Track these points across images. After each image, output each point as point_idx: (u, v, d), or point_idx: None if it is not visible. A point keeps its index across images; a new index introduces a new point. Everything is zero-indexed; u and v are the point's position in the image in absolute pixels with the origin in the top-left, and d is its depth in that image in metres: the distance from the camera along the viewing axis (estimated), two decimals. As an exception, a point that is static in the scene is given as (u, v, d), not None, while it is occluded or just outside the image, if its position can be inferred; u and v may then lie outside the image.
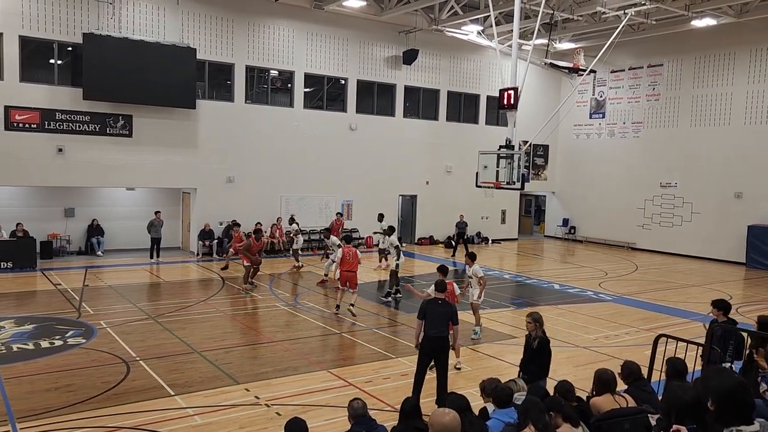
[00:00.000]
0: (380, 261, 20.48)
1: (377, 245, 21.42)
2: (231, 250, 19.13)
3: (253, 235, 16.81)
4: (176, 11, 20.71)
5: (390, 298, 15.52)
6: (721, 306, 8.41)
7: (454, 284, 10.74)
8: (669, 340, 7.72)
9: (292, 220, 20.83)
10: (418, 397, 7.80)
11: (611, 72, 28.51)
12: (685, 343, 7.69)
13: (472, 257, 12.68)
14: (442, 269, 11.23)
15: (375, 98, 25.61)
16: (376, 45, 25.03)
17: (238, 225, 19.59)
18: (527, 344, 7.74)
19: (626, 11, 20.03)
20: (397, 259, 16.04)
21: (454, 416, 4.31)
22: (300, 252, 19.88)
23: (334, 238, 17.87)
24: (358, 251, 14.09)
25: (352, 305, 13.59)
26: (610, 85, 28.90)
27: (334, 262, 17.06)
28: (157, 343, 11.22)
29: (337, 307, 13.77)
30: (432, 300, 8.68)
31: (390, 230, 17.49)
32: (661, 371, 6.22)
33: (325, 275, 17.52)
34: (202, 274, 18.68)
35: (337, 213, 23.10)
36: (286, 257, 21.28)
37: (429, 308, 8.44)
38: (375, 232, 22.43)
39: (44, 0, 18.68)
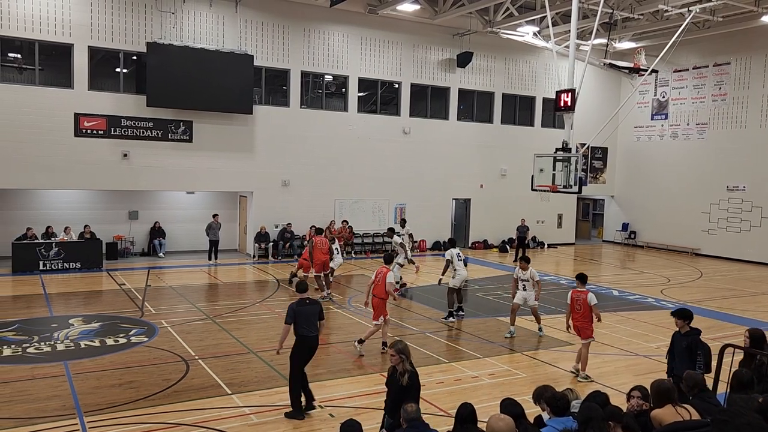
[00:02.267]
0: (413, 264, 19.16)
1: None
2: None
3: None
4: (235, 19, 21.25)
5: (453, 318, 13.91)
6: (683, 315, 7.85)
7: (590, 293, 10.23)
8: (736, 350, 7.37)
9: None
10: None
11: (674, 72, 27.55)
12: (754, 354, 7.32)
13: (527, 260, 12.73)
14: (581, 277, 10.45)
15: (429, 101, 25.56)
16: (430, 48, 24.99)
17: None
18: (392, 381, 6.38)
19: (690, 9, 19.31)
20: (450, 276, 14.14)
21: (509, 422, 4.26)
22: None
23: (396, 237, 17.19)
24: (389, 273, 11.19)
25: (362, 341, 11.12)
26: (673, 86, 27.92)
27: (400, 265, 16.51)
28: (215, 343, 11.51)
29: (384, 344, 11.19)
30: (299, 302, 8.36)
31: (450, 243, 15.28)
32: (727, 383, 5.95)
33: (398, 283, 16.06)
34: (258, 276, 19.06)
35: (343, 221, 22.80)
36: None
37: (299, 309, 8.26)
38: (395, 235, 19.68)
39: (111, 11, 19.51)
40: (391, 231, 18.01)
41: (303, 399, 8.31)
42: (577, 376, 10.08)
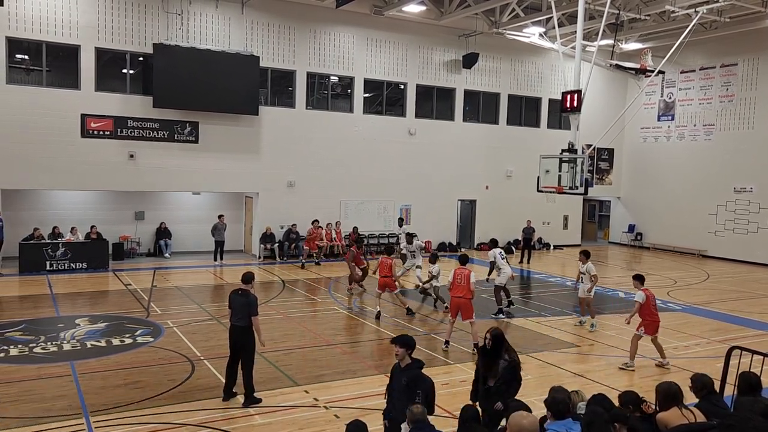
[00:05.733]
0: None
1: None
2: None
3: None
4: (241, 20, 21.30)
5: (502, 315, 14.37)
6: (404, 343, 6.37)
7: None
8: (743, 352, 7.33)
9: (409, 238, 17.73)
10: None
11: (681, 72, 27.45)
12: (761, 356, 7.28)
13: (586, 254, 13.39)
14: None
15: (434, 102, 25.55)
16: (436, 49, 24.98)
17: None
18: None
19: (697, 9, 19.22)
20: (496, 274, 14.57)
21: (533, 420, 4.29)
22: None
23: (418, 242, 16.86)
24: (471, 273, 11.39)
25: (476, 346, 11.10)
26: (679, 86, 27.82)
27: (419, 267, 16.40)
28: (221, 344, 11.48)
29: (446, 343, 11.60)
30: (233, 291, 8.88)
31: (492, 243, 15.59)
32: (734, 385, 5.91)
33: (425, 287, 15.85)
34: (264, 276, 19.07)
35: (315, 221, 21.94)
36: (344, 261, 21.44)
37: (231, 297, 8.82)
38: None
39: (118, 13, 19.59)
40: (410, 236, 17.44)
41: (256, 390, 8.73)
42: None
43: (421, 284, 15.98)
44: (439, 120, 25.46)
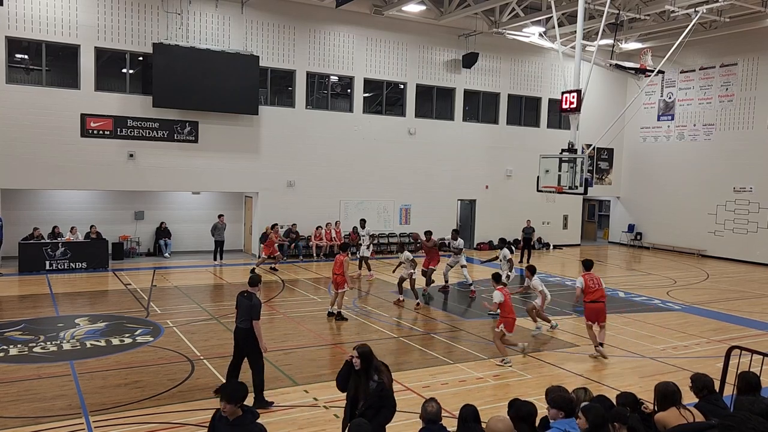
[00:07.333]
0: (360, 269, 19.31)
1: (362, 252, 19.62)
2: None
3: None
4: (241, 20, 21.30)
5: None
6: (230, 397, 5.01)
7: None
8: (743, 352, 7.33)
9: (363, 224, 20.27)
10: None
11: (681, 72, 27.45)
12: (761, 356, 7.28)
13: (531, 270, 13.19)
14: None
15: (434, 102, 25.55)
16: (436, 49, 24.98)
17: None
18: None
19: (697, 9, 19.21)
20: (509, 271, 15.77)
21: (508, 423, 4.29)
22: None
23: (461, 241, 17.53)
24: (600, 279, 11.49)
25: (600, 344, 11.18)
26: (679, 86, 27.82)
27: (464, 266, 17.30)
28: (220, 343, 11.51)
29: (600, 344, 11.29)
30: (240, 293, 9.01)
31: (502, 242, 16.87)
32: (734, 385, 5.91)
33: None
34: (263, 276, 19.03)
35: (274, 225, 20.84)
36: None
37: (238, 299, 8.96)
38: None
39: (117, 12, 19.59)
40: (456, 232, 17.93)
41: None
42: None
43: (404, 275, 15.78)
44: (438, 120, 25.46)
